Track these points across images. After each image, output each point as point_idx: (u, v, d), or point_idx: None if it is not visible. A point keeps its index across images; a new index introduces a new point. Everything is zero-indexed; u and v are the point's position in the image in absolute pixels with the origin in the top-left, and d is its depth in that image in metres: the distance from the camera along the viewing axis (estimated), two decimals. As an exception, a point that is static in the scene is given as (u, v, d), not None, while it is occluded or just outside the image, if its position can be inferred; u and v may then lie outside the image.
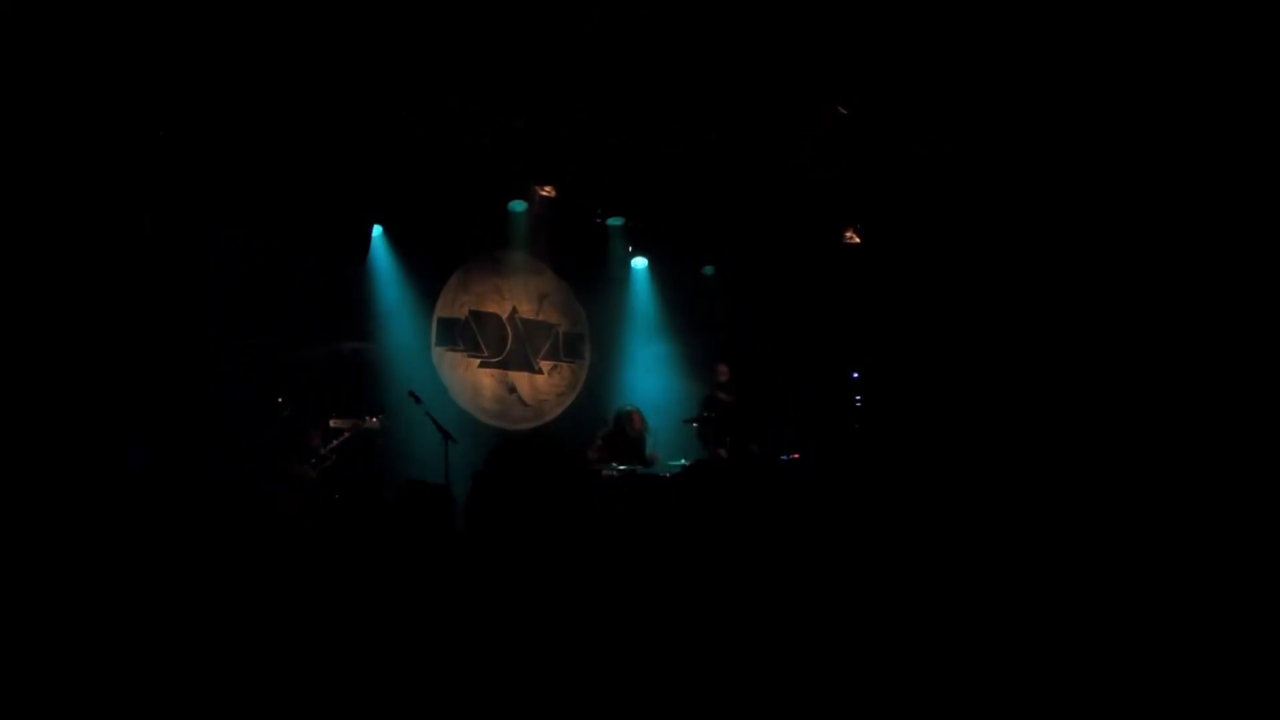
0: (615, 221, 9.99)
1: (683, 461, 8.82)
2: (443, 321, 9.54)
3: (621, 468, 8.57)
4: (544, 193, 8.97)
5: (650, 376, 10.45)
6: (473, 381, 9.65)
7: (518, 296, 10.05)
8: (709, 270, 10.83)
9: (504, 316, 9.95)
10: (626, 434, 8.90)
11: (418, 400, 7.77)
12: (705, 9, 6.32)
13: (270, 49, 6.38)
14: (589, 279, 10.42)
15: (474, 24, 6.47)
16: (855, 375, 10.12)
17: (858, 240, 9.58)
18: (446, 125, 7.92)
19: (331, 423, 7.66)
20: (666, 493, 7.84)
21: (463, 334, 9.65)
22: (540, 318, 10.21)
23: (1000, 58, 6.61)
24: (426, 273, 9.37)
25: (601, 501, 8.33)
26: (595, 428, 9.15)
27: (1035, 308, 8.07)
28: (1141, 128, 6.81)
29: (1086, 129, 7.14)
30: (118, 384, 6.35)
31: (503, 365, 9.88)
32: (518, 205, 9.37)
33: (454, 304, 9.65)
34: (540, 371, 10.15)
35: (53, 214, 5.99)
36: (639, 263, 10.51)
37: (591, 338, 10.55)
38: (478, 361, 9.73)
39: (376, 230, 8.80)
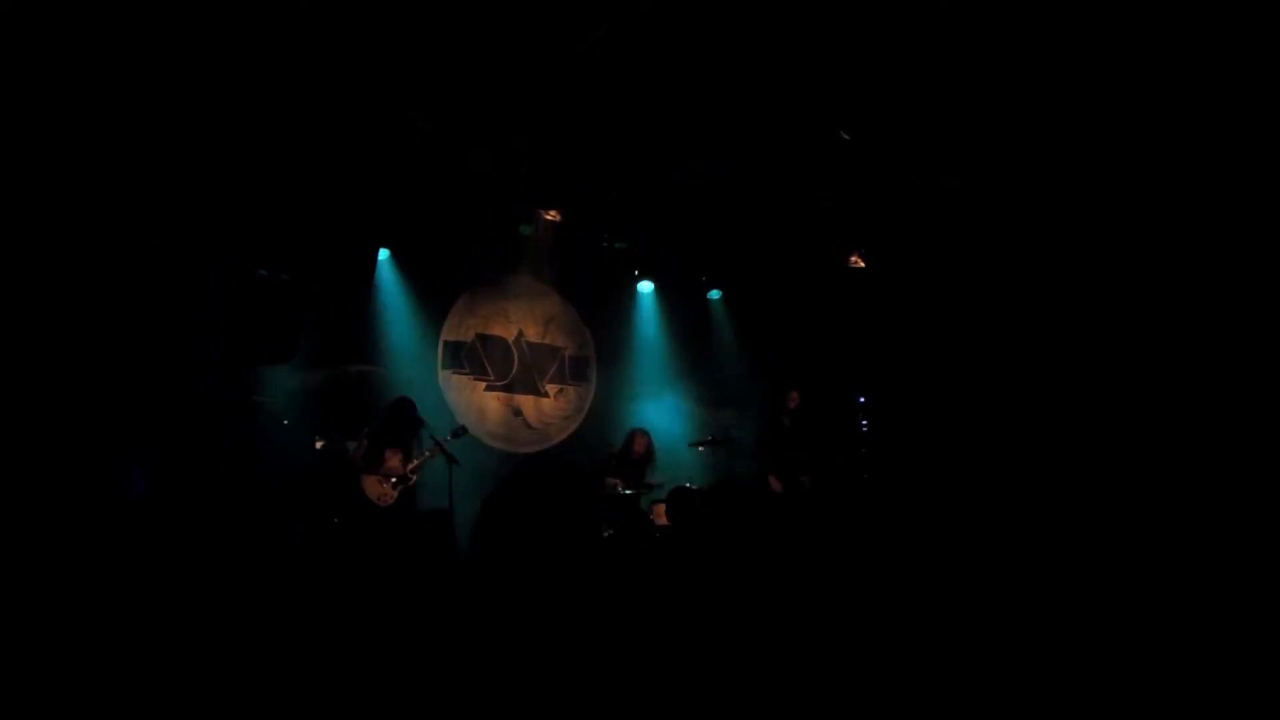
0: (622, 245, 10.02)
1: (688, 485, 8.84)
2: (449, 345, 9.55)
3: (627, 491, 8.59)
4: (549, 217, 9.01)
5: (656, 400, 10.44)
6: (479, 405, 9.65)
7: (524, 320, 10.06)
8: (715, 294, 10.85)
9: (510, 340, 9.96)
10: (630, 456, 8.92)
11: (423, 424, 7.83)
12: (710, 35, 6.37)
13: (277, 74, 6.44)
14: (595, 302, 10.43)
15: (482, 49, 6.53)
16: (861, 399, 10.10)
17: (862, 265, 9.58)
18: (453, 149, 7.97)
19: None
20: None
21: (469, 357, 9.67)
22: (546, 341, 10.22)
23: (1001, 81, 6.64)
24: (433, 296, 9.40)
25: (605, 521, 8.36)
26: (601, 451, 9.17)
27: (1041, 330, 8.08)
28: (1139, 151, 6.85)
29: (1089, 152, 7.17)
30: (120, 410, 6.37)
31: (509, 388, 9.88)
32: (524, 229, 9.42)
33: (460, 327, 9.66)
34: (546, 395, 10.14)
35: (57, 237, 6.04)
36: (645, 286, 10.53)
37: (598, 361, 10.56)
38: (484, 385, 9.73)
39: (383, 254, 8.85)
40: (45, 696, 3.51)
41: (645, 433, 9.13)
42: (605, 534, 8.32)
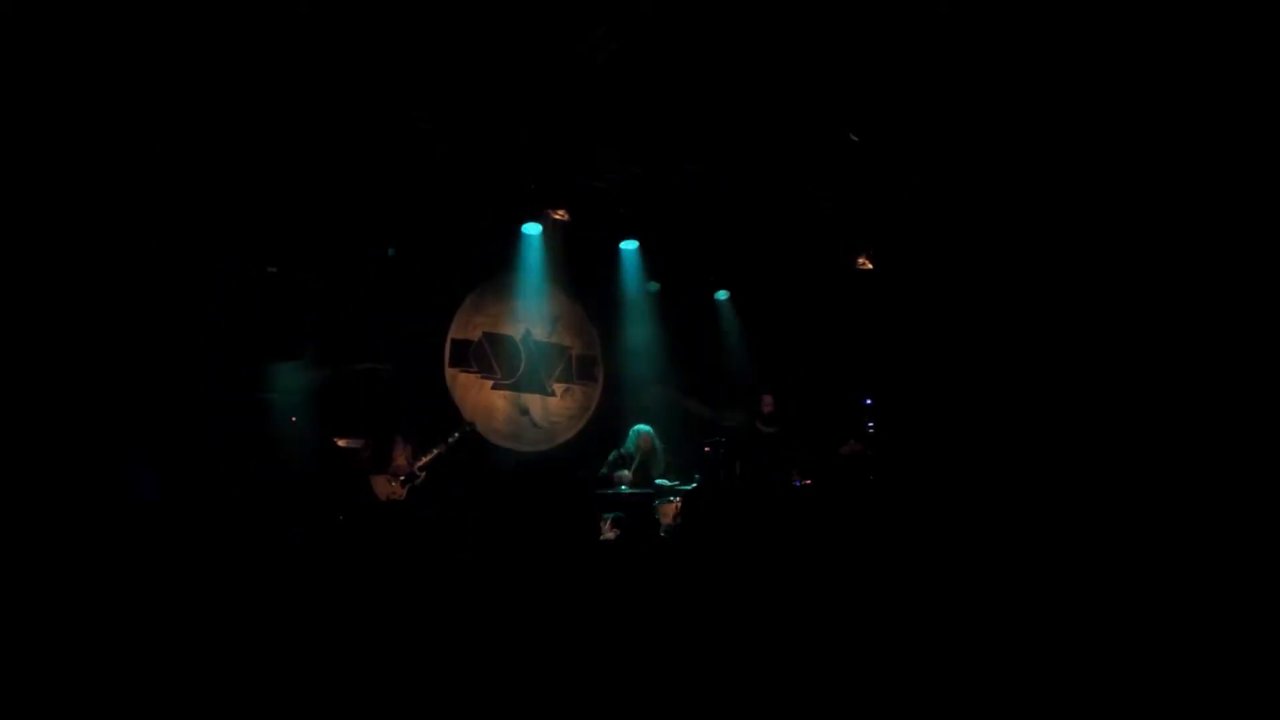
0: (629, 245, 10.02)
1: (695, 483, 8.86)
2: (456, 343, 9.58)
3: (633, 490, 8.59)
4: (557, 216, 9.02)
5: (662, 401, 10.44)
6: (486, 403, 9.67)
7: (531, 319, 10.08)
8: (722, 295, 10.83)
9: (517, 339, 9.99)
10: (635, 454, 8.93)
11: (430, 421, 7.89)
12: (718, 35, 6.37)
13: (279, 74, 6.47)
14: (602, 302, 10.42)
15: (491, 50, 6.55)
16: (868, 401, 10.07)
17: (870, 266, 9.55)
18: (461, 148, 7.99)
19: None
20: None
21: (476, 356, 9.69)
22: (553, 340, 10.24)
23: (1003, 81, 6.61)
24: (440, 294, 9.44)
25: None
26: (607, 450, 9.18)
27: (1049, 332, 8.04)
28: (1143, 151, 6.81)
29: (1092, 153, 7.13)
30: (124, 410, 6.42)
31: (515, 387, 9.90)
32: (531, 228, 9.44)
33: (467, 326, 9.69)
34: (553, 394, 10.16)
35: (61, 239, 6.09)
36: (653, 286, 10.51)
37: (604, 361, 10.56)
38: (491, 383, 9.76)
39: (391, 251, 8.87)
40: (49, 695, 3.54)
41: (649, 430, 9.14)
42: (612, 534, 8.33)
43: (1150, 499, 6.51)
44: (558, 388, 10.20)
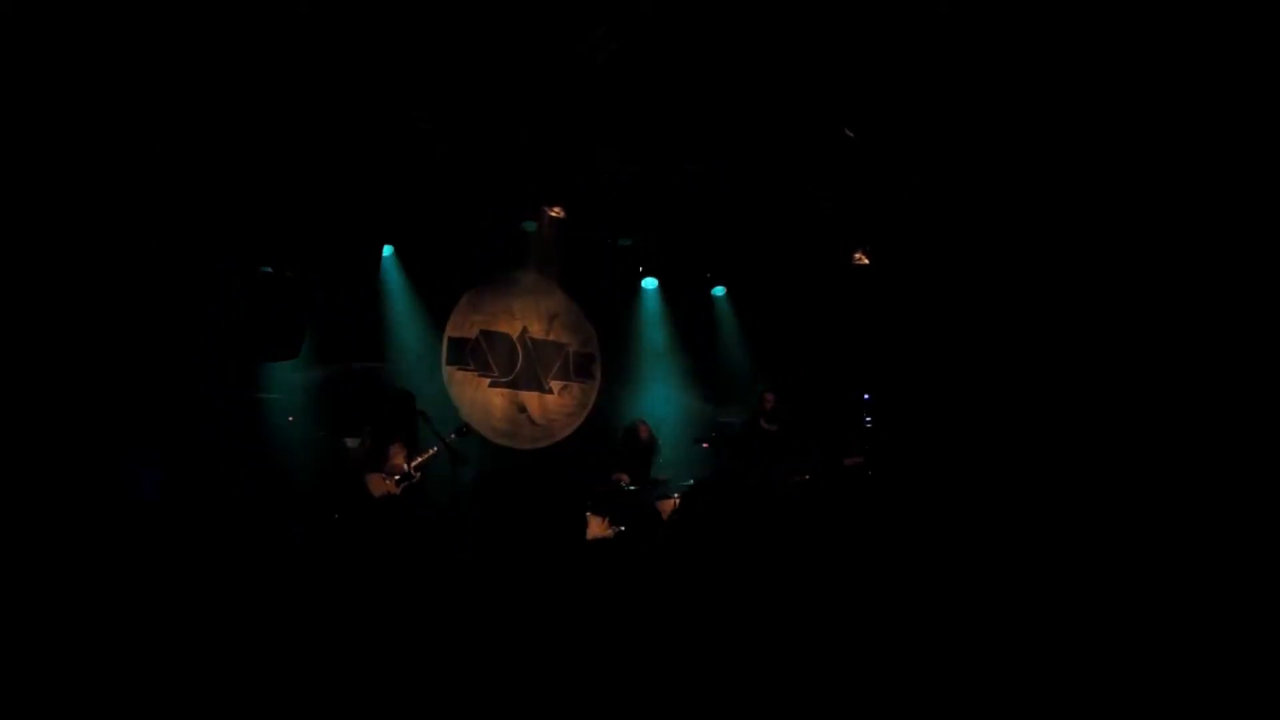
0: (626, 242, 10.02)
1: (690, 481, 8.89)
2: (453, 341, 9.57)
3: (633, 486, 8.61)
4: (554, 213, 9.01)
5: (660, 397, 10.47)
6: (483, 401, 9.67)
7: (528, 316, 10.08)
8: (719, 291, 10.84)
9: (514, 336, 9.98)
10: (635, 446, 8.94)
11: (429, 419, 7.86)
12: (718, 35, 6.37)
13: (279, 73, 6.45)
14: (599, 299, 10.43)
15: (491, 49, 6.54)
16: (866, 397, 10.10)
17: (867, 262, 9.57)
18: (461, 148, 7.98)
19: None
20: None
21: (473, 353, 9.69)
22: (551, 338, 10.23)
23: (1002, 80, 6.63)
24: (437, 292, 9.41)
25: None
26: (605, 448, 9.19)
27: (1046, 328, 8.07)
28: (1139, 149, 6.84)
29: (1089, 151, 7.16)
30: (123, 410, 6.41)
31: (513, 385, 9.91)
32: (529, 225, 9.43)
33: (464, 324, 9.68)
34: (550, 391, 10.16)
35: (61, 239, 6.08)
36: (649, 283, 10.52)
37: (602, 358, 10.57)
38: (488, 381, 9.75)
39: (387, 250, 8.86)
40: (48, 694, 3.55)
41: (645, 422, 9.18)
42: (610, 531, 8.34)
43: (1149, 492, 6.56)
44: (555, 385, 10.21)
